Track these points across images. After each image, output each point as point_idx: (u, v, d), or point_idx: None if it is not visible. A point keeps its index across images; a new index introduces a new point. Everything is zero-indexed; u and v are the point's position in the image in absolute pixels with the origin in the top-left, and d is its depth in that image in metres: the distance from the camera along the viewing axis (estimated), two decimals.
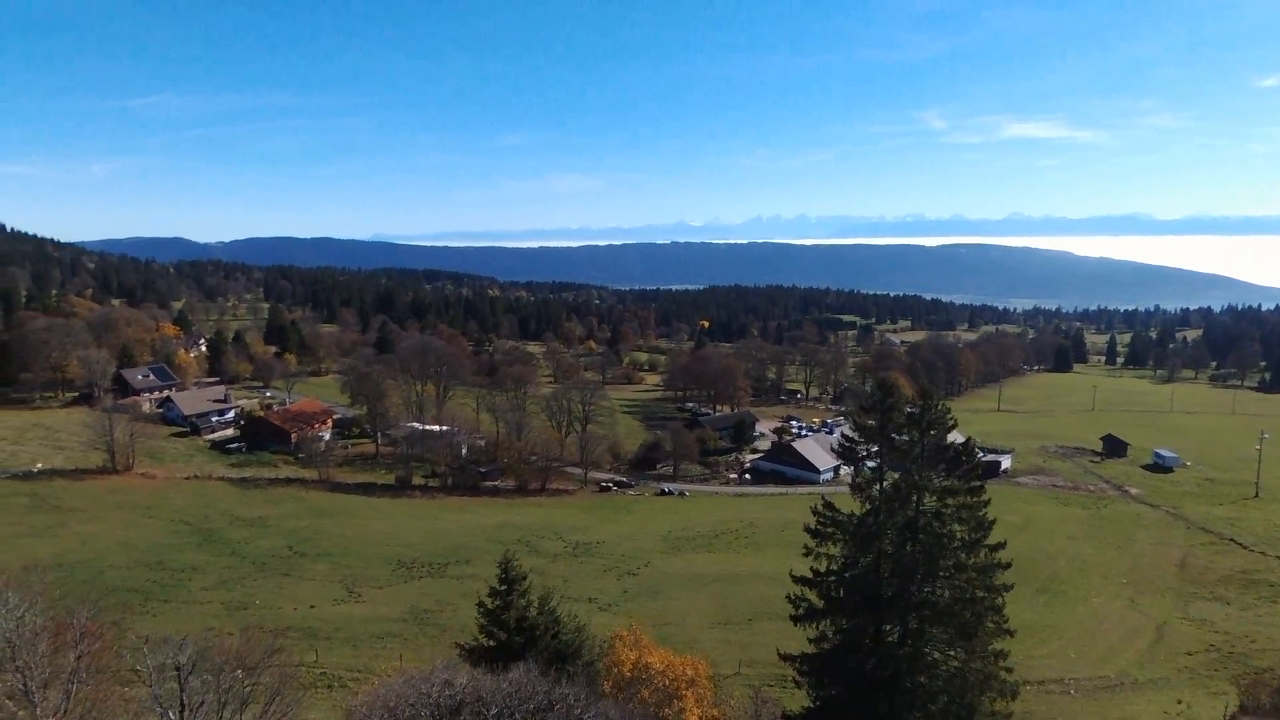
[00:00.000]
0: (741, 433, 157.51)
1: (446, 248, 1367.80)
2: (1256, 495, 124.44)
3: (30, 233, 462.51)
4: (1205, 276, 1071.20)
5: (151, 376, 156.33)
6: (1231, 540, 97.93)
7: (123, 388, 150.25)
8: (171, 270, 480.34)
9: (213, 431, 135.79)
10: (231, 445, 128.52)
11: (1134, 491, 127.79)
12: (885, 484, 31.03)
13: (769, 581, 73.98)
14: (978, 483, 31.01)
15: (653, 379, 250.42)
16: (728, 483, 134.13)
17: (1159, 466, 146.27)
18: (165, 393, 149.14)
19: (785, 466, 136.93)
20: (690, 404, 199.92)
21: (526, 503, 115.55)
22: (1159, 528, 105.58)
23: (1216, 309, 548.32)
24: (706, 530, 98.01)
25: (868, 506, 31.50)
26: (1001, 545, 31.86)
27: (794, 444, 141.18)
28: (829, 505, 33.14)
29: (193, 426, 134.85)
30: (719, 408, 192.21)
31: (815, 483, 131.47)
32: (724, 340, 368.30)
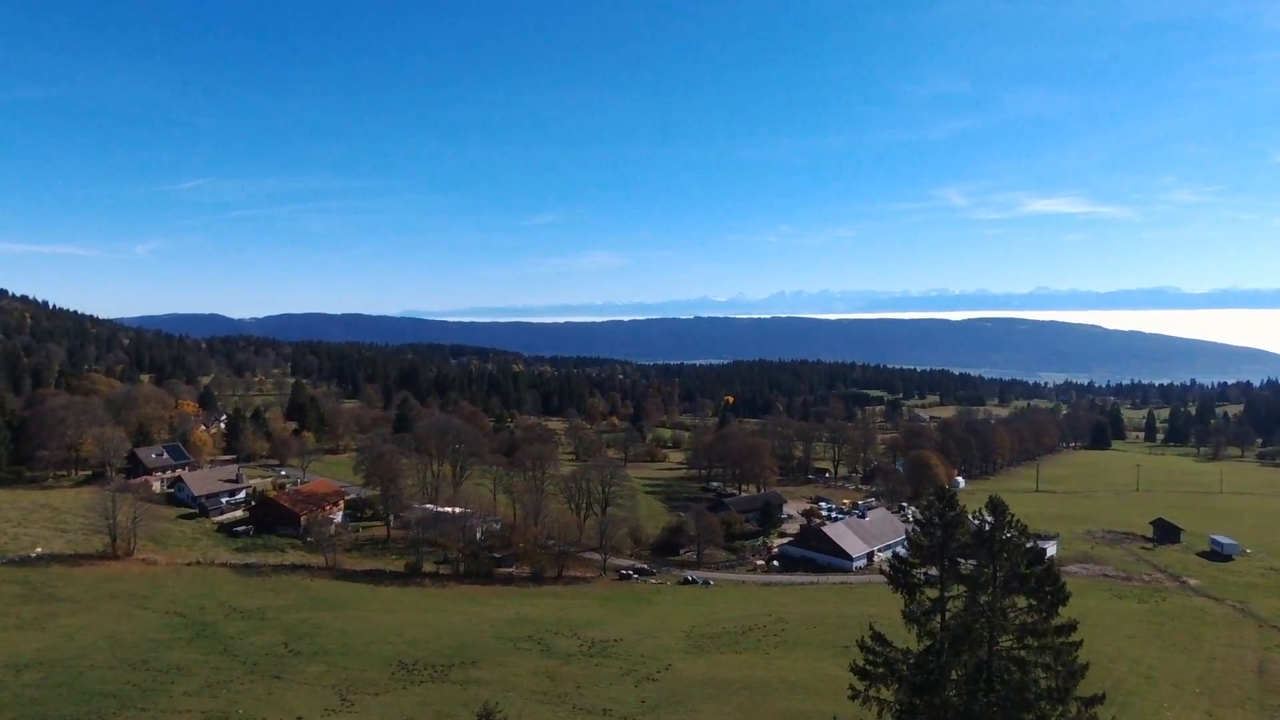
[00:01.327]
0: (768, 515, 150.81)
1: (474, 323, 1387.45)
2: None
3: (70, 309, 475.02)
4: (1239, 350, 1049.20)
5: (165, 455, 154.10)
6: None
7: (135, 467, 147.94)
8: (204, 346, 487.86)
9: (222, 513, 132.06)
10: (239, 528, 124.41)
11: (1193, 583, 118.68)
12: (948, 616, 26.07)
13: (802, 693, 67.23)
14: (1064, 620, 25.87)
15: (676, 456, 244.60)
16: (754, 570, 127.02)
17: (1217, 554, 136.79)
18: (177, 472, 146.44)
19: (815, 553, 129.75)
20: (715, 483, 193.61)
21: (541, 592, 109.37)
22: (1227, 626, 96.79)
23: (1255, 383, 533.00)
24: (733, 626, 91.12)
25: (927, 642, 26.42)
26: (1100, 699, 26.33)
27: (824, 529, 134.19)
28: (879, 638, 28.02)
29: (201, 508, 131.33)
30: (744, 487, 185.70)
31: (847, 570, 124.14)
32: (749, 416, 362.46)
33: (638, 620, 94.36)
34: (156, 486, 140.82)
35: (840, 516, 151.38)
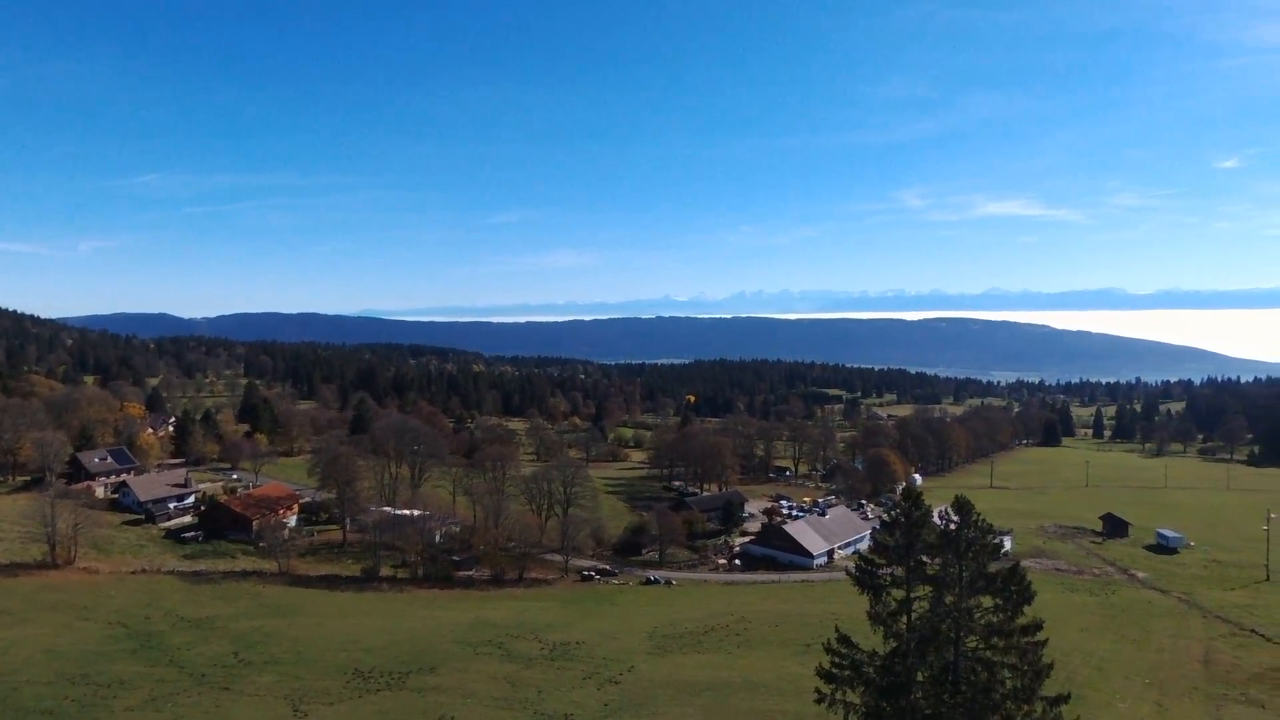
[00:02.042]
0: (730, 514, 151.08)
1: (434, 323, 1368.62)
2: (1268, 578, 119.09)
3: (9, 308, 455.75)
4: (1181, 349, 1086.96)
5: (110, 459, 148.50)
6: (1253, 631, 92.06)
7: (78, 472, 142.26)
8: (152, 346, 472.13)
9: (169, 519, 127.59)
10: (188, 534, 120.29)
11: (1141, 575, 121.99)
12: (914, 617, 25.84)
13: (766, 693, 67.14)
14: (1029, 619, 25.82)
15: (638, 455, 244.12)
16: (716, 569, 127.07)
17: (1163, 547, 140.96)
18: (122, 477, 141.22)
19: (777, 551, 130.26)
20: (677, 483, 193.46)
21: (502, 595, 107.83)
22: (1174, 617, 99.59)
23: (1196, 381, 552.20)
24: (695, 626, 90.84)
25: (894, 644, 26.15)
26: (1065, 699, 26.37)
27: (785, 526, 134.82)
28: (845, 640, 27.70)
29: (148, 513, 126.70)
30: (706, 487, 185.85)
31: (809, 568, 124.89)
32: (710, 415, 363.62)
33: (600, 622, 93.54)
34: (100, 492, 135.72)
35: (801, 515, 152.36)
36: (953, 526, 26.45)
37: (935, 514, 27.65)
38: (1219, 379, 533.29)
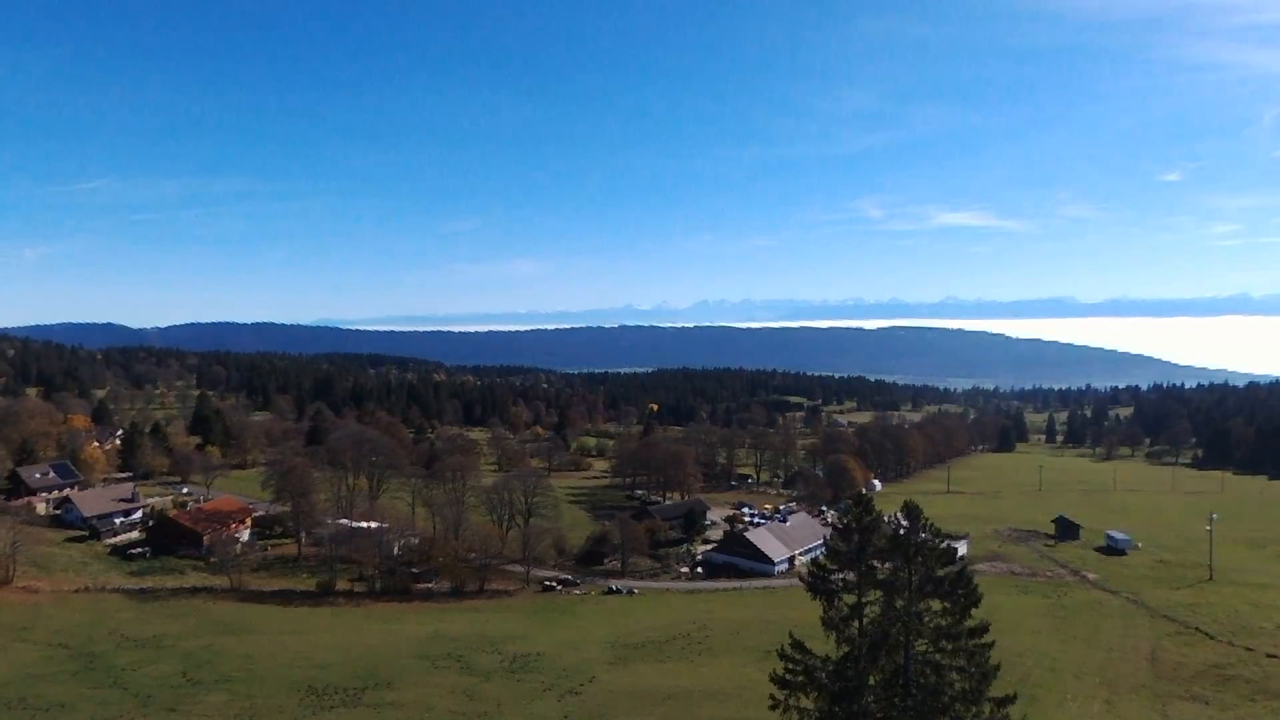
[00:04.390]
0: (693, 523, 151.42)
1: (393, 332, 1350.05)
2: (1211, 578, 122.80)
3: None
4: (1129, 356, 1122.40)
5: (52, 474, 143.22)
6: (1197, 629, 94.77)
7: (17, 487, 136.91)
8: (99, 357, 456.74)
9: (115, 535, 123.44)
10: (134, 550, 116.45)
11: (1091, 576, 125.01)
12: (866, 621, 26.13)
13: (726, 700, 67.17)
14: (976, 621, 26.28)
15: (601, 464, 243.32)
16: (679, 577, 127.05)
17: (1112, 549, 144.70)
18: (65, 492, 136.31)
19: (738, 558, 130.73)
20: (640, 491, 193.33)
21: (462, 607, 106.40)
22: (1122, 617, 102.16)
23: (1143, 387, 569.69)
24: (657, 635, 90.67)
25: (845, 649, 26.43)
26: (1011, 699, 26.86)
27: (746, 534, 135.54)
28: (799, 646, 27.88)
29: (92, 529, 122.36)
30: (669, 495, 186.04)
31: (770, 574, 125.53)
32: (673, 423, 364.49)
33: (561, 632, 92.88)
34: (41, 508, 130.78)
35: (762, 521, 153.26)
36: (902, 531, 26.85)
37: (887, 519, 28.04)
38: (1165, 385, 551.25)
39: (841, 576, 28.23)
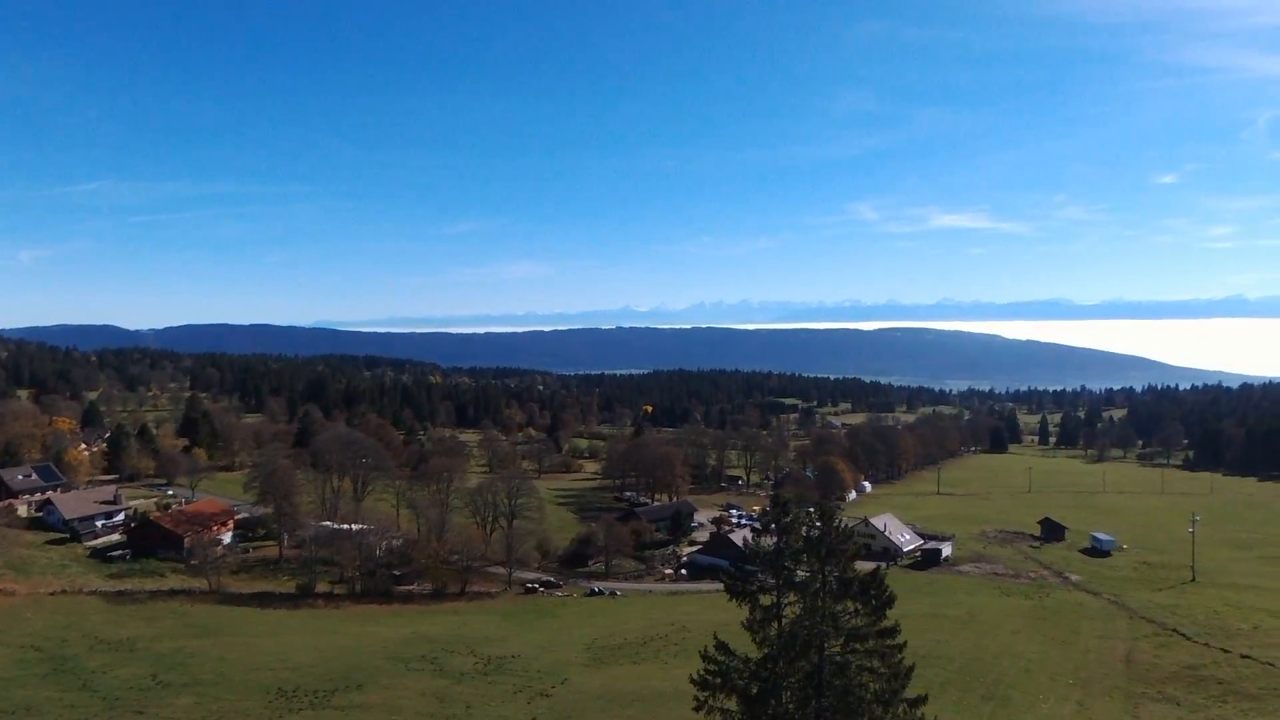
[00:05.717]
0: (679, 524, 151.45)
1: (390, 334, 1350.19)
2: (1193, 579, 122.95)
3: None
4: (1125, 358, 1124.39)
5: (34, 476, 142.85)
6: (1175, 631, 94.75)
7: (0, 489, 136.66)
8: (93, 359, 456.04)
9: (96, 537, 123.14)
10: (114, 553, 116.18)
11: (1074, 578, 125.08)
12: (784, 623, 26.11)
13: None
14: (890, 623, 26.26)
15: (592, 467, 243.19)
16: (663, 579, 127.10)
17: (1097, 550, 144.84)
18: (48, 494, 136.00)
19: (724, 560, 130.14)
20: (629, 493, 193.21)
21: (442, 609, 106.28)
22: (1102, 618, 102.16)
23: (1138, 389, 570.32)
24: (635, 636, 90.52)
25: (765, 651, 26.40)
26: (923, 700, 26.87)
27: (732, 535, 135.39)
28: (722, 647, 27.88)
29: (73, 532, 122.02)
30: (657, 497, 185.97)
31: None
32: (668, 425, 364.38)
33: (539, 634, 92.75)
34: (22, 510, 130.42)
35: (749, 523, 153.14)
36: (816, 533, 26.85)
37: (801, 521, 28.01)
38: (1159, 387, 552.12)
39: (760, 580, 28.21)
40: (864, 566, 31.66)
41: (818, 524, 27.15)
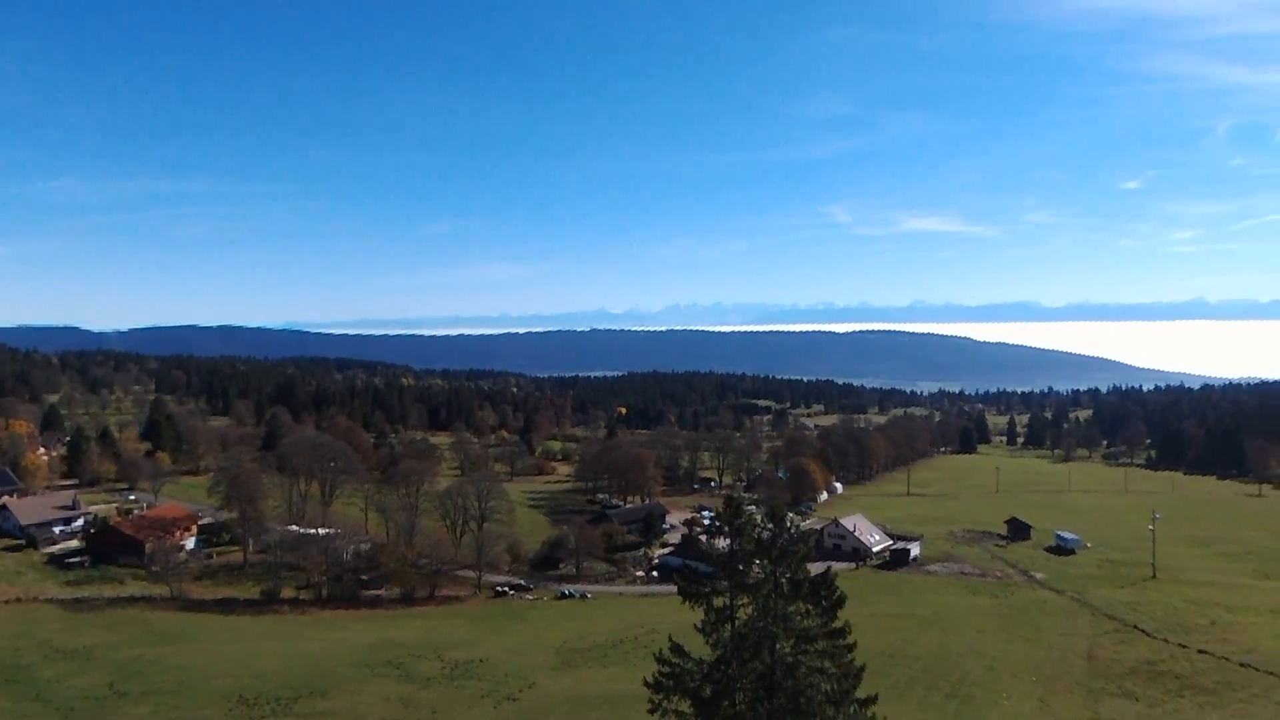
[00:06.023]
0: (651, 526, 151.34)
1: (362, 335, 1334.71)
2: (1154, 576, 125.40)
3: None
4: (1091, 359, 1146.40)
5: None
6: (1135, 627, 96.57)
7: None
8: (55, 361, 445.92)
9: (54, 544, 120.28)
10: (73, 559, 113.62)
11: (1039, 576, 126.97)
12: (736, 625, 26.22)
13: None
14: (840, 623, 26.45)
15: (565, 469, 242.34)
16: (634, 581, 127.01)
17: (1061, 549, 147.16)
18: (2, 500, 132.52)
19: (695, 561, 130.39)
20: (601, 495, 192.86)
21: (411, 614, 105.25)
22: (1065, 615, 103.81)
23: (1103, 390, 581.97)
24: (604, 639, 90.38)
25: (719, 653, 26.48)
26: (873, 700, 27.11)
27: (703, 537, 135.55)
28: (677, 649, 27.91)
29: (29, 538, 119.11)
30: (630, 499, 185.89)
31: None
32: (642, 427, 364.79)
33: (508, 638, 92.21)
34: None
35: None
36: (767, 535, 27.02)
37: (751, 523, 28.17)
38: (1123, 388, 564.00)
39: (713, 582, 28.31)
40: (837, 567, 32.05)
41: (769, 526, 27.30)
